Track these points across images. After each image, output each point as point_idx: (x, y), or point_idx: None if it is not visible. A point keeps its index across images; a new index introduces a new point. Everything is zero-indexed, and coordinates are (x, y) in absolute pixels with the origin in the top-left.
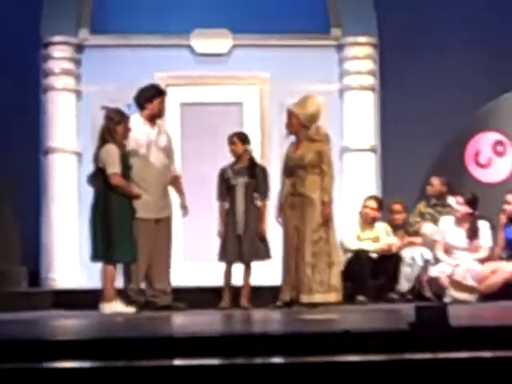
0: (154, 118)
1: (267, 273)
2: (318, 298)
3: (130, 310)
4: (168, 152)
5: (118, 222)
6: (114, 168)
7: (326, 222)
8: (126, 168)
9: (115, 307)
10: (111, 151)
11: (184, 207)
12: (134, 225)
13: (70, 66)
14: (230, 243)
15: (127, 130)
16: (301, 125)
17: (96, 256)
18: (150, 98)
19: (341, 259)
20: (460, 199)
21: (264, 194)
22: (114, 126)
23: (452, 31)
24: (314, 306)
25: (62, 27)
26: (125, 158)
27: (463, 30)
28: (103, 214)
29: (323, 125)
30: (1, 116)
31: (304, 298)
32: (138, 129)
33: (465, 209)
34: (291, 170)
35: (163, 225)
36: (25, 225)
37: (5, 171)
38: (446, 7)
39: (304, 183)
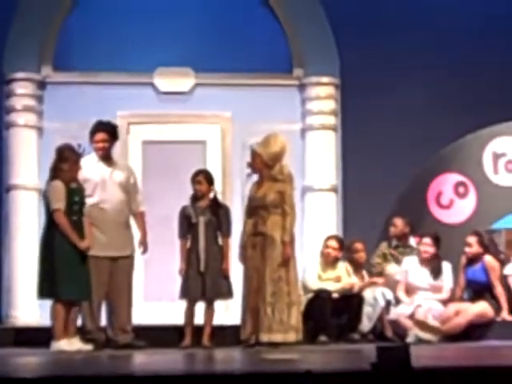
0: (103, 155)
1: (229, 312)
2: (277, 337)
3: (86, 347)
4: (127, 188)
5: (61, 259)
6: (56, 204)
7: (286, 262)
8: (76, 204)
9: (62, 345)
10: (55, 187)
11: (143, 244)
12: (90, 262)
13: (32, 102)
14: (192, 281)
15: (75, 166)
16: (264, 164)
17: (41, 294)
18: (92, 135)
19: (300, 299)
20: (427, 240)
21: (226, 233)
22: (60, 163)
23: (414, 72)
24: (273, 345)
25: (24, 64)
26: (74, 194)
27: (425, 71)
28: (47, 250)
29: (286, 164)
30: None
31: (264, 337)
32: (91, 168)
33: (432, 249)
34: (253, 209)
35: (122, 263)
36: None
37: None
38: (408, 49)
39: (265, 223)
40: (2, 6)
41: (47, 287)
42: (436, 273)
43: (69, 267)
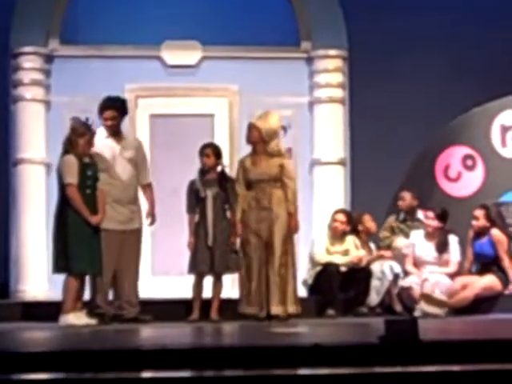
0: (112, 131)
1: (237, 286)
2: (288, 309)
3: (90, 321)
4: (136, 163)
5: (74, 234)
6: (69, 178)
7: (293, 233)
8: (89, 179)
9: (71, 319)
10: (68, 162)
11: (151, 215)
12: (101, 236)
13: (39, 76)
14: (200, 255)
15: (89, 142)
16: (261, 138)
17: (55, 268)
18: (100, 111)
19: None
20: (430, 214)
21: (234, 206)
22: (75, 138)
23: (422, 44)
24: (276, 318)
25: (31, 38)
26: (87, 168)
27: (433, 42)
28: (61, 225)
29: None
30: None
31: (274, 310)
32: (101, 143)
33: (435, 223)
34: (252, 183)
35: (131, 237)
36: None
37: None
38: (416, 21)
39: (270, 197)
40: None
41: (61, 262)
42: (441, 247)
43: (81, 241)
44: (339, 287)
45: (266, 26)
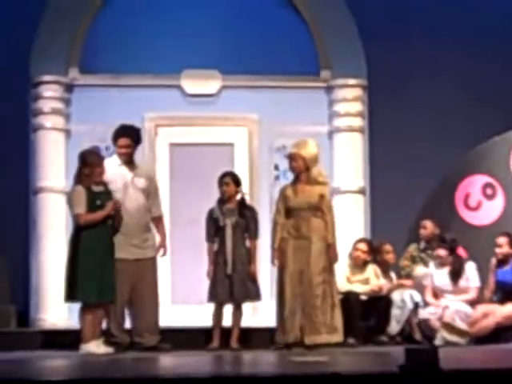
0: (125, 160)
1: (257, 314)
2: (323, 338)
3: (108, 350)
4: (148, 193)
5: (83, 264)
6: (77, 209)
7: (331, 264)
8: (98, 208)
9: (91, 347)
10: (75, 192)
11: (163, 247)
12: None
13: (59, 105)
14: (219, 284)
15: (96, 170)
16: (305, 166)
17: (66, 297)
18: (114, 138)
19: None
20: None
21: (254, 235)
22: (82, 168)
23: (441, 74)
24: (317, 347)
25: (51, 67)
26: (96, 198)
27: (452, 73)
28: (71, 254)
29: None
30: None
31: (308, 340)
32: (114, 171)
33: (443, 252)
34: (292, 211)
35: (146, 265)
36: (14, 265)
37: None
38: (436, 50)
39: (309, 226)
40: (29, 10)
41: (70, 291)
42: (455, 274)
43: (90, 271)
44: (359, 316)
45: (285, 55)
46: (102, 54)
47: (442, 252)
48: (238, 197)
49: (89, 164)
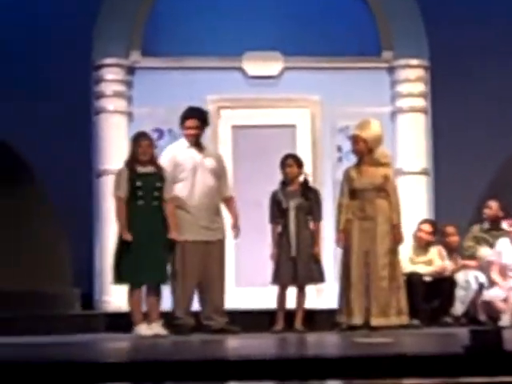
0: (193, 141)
1: (321, 296)
2: (389, 320)
3: (160, 332)
4: (217, 174)
5: (119, 245)
6: (114, 191)
7: (397, 245)
8: (139, 189)
9: (141, 330)
10: (117, 174)
11: (235, 228)
12: (181, 247)
13: (121, 88)
14: (283, 266)
15: (136, 151)
16: (367, 148)
17: (112, 279)
18: (182, 121)
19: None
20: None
21: (317, 217)
22: (130, 149)
23: (505, 51)
24: (381, 328)
25: (113, 49)
26: (137, 179)
27: None
28: (117, 236)
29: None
30: (52, 139)
31: (375, 321)
32: (183, 153)
33: None
34: (356, 193)
35: (215, 248)
36: (78, 247)
37: (57, 194)
38: (499, 27)
39: (375, 207)
40: None
41: (115, 272)
42: None
43: (128, 252)
44: (423, 297)
45: (347, 36)
46: (164, 36)
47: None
48: (301, 179)
49: (132, 144)
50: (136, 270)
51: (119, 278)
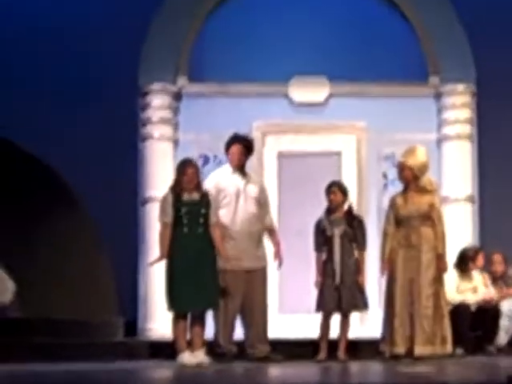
0: (238, 168)
1: (365, 325)
2: (434, 349)
3: (204, 360)
4: (259, 202)
5: (168, 272)
6: (159, 217)
7: (442, 274)
8: (184, 216)
9: (184, 358)
10: (162, 199)
11: (278, 257)
12: (223, 275)
13: (168, 114)
14: (327, 294)
15: (181, 178)
16: (413, 176)
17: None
18: (227, 146)
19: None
20: None
21: (362, 245)
22: (175, 175)
23: None
24: (425, 358)
25: (160, 75)
26: (181, 206)
27: None
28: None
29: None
30: (99, 165)
31: (419, 350)
32: (227, 178)
33: None
34: (401, 221)
35: (256, 275)
36: (123, 275)
37: (103, 220)
38: None
39: (419, 235)
40: (137, 19)
41: (167, 300)
42: None
43: (174, 280)
44: (468, 326)
45: (393, 62)
46: (210, 62)
47: None
48: (346, 206)
49: (177, 171)
50: (185, 297)
51: (172, 305)
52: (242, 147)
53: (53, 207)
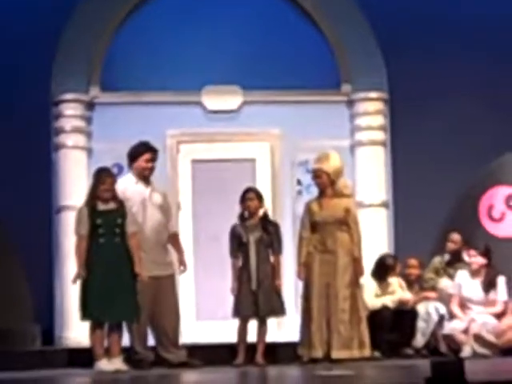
0: (143, 177)
1: (282, 329)
2: (351, 353)
3: (120, 367)
4: (164, 210)
5: (86, 281)
6: (76, 229)
7: (358, 277)
8: (99, 227)
9: (102, 365)
10: (78, 212)
11: (182, 264)
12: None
13: (80, 123)
14: (244, 299)
15: (97, 188)
16: (330, 181)
17: (80, 316)
18: (136, 156)
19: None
20: (473, 252)
21: (278, 250)
22: (91, 186)
23: (462, 85)
24: (343, 361)
25: (72, 85)
26: (96, 217)
27: (473, 85)
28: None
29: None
30: (12, 174)
31: (336, 354)
32: (131, 188)
33: (479, 260)
34: (318, 226)
35: (166, 282)
36: (37, 283)
37: (17, 229)
38: (456, 62)
39: (335, 240)
40: (48, 28)
41: (80, 310)
42: (488, 285)
43: (92, 289)
44: (385, 329)
45: (305, 70)
46: (123, 71)
47: (480, 260)
48: (261, 212)
49: (94, 180)
50: (102, 307)
51: (86, 315)
52: (154, 154)
53: None
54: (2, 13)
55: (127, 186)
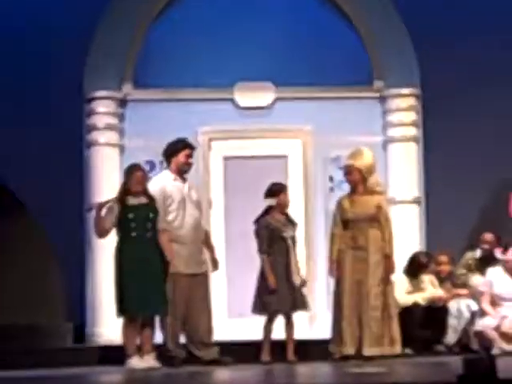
0: (181, 173)
1: (314, 326)
2: (383, 350)
3: (152, 364)
4: (200, 207)
5: (123, 276)
6: (105, 223)
7: (389, 274)
8: (131, 221)
9: (134, 362)
10: (108, 207)
11: (215, 261)
12: (171, 279)
13: (113, 120)
14: (280, 294)
15: (128, 182)
16: (361, 177)
17: (117, 312)
18: (175, 152)
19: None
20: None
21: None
22: (123, 182)
23: (496, 82)
24: (374, 358)
25: (105, 82)
26: (128, 211)
27: (506, 78)
28: (116, 268)
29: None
30: (45, 172)
31: (367, 351)
32: (170, 184)
33: None
34: (348, 223)
35: (201, 280)
36: (70, 281)
37: (50, 227)
38: (489, 57)
39: (367, 237)
40: (82, 26)
41: (117, 306)
42: None
43: (123, 284)
44: (417, 326)
45: (338, 66)
46: (155, 68)
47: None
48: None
49: (125, 174)
50: (137, 302)
51: (122, 310)
52: (192, 150)
53: None
54: (36, 10)
55: (166, 183)
